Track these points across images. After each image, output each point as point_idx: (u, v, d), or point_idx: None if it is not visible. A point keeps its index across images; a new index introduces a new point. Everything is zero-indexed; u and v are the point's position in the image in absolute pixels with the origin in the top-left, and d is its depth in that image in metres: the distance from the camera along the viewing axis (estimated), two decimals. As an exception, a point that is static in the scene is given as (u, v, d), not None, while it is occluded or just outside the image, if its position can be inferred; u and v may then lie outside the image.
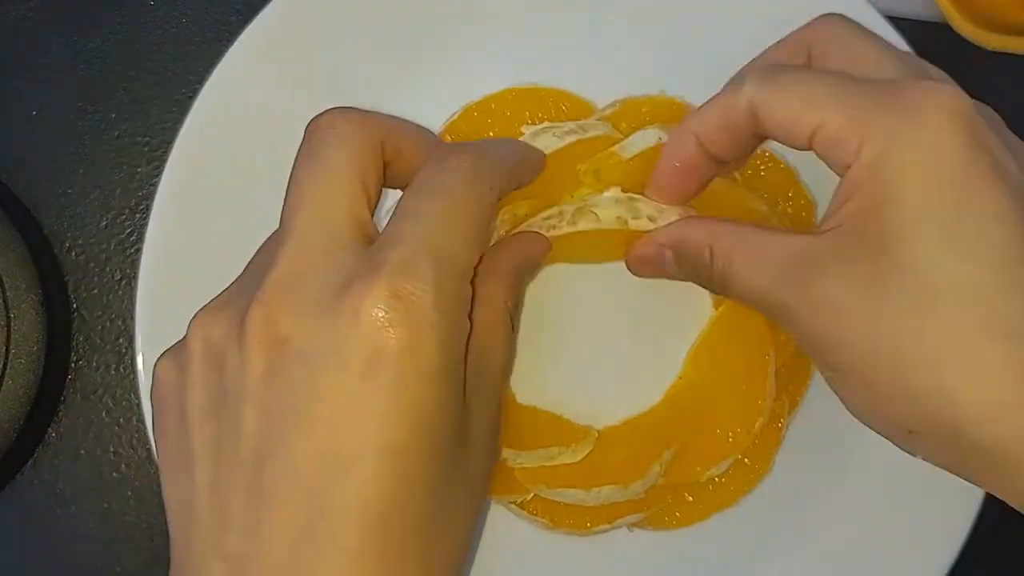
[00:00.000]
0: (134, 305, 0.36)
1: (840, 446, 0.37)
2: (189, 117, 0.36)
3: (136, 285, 0.36)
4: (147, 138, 0.41)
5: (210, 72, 0.36)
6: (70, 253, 0.41)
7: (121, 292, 0.41)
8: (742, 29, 0.37)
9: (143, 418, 0.35)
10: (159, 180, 0.36)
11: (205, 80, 0.36)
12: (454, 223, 0.27)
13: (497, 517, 0.36)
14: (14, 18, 0.41)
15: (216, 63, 0.36)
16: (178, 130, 0.36)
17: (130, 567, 0.40)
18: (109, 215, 0.41)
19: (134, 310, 0.36)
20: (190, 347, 0.27)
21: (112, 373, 0.41)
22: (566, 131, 0.34)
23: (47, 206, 0.41)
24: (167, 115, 0.41)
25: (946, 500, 0.35)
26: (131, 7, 0.42)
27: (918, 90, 0.26)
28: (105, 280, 0.41)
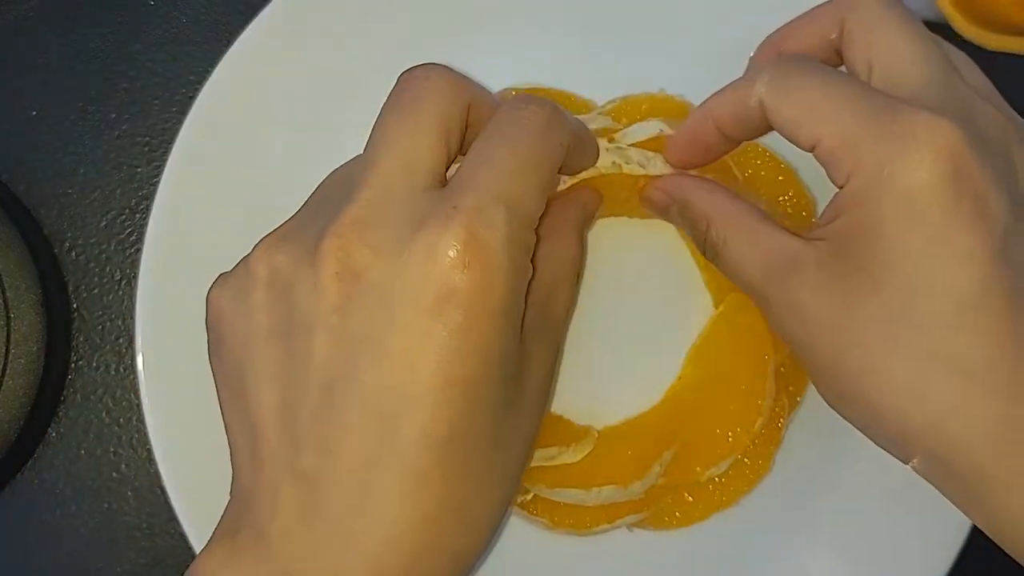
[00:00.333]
0: (134, 305, 0.36)
1: (840, 446, 0.37)
2: (189, 117, 0.36)
3: (136, 285, 0.36)
4: (147, 138, 0.41)
5: (210, 72, 0.36)
6: (70, 253, 0.41)
7: (121, 292, 0.41)
8: (742, 28, 0.37)
9: (143, 418, 0.35)
10: (159, 180, 0.36)
11: (205, 80, 0.36)
12: (527, 173, 0.28)
13: (497, 517, 0.36)
14: (14, 18, 0.41)
15: (216, 63, 0.36)
16: (178, 130, 0.36)
17: (130, 567, 0.40)
18: (109, 215, 0.41)
19: (134, 310, 0.36)
20: (254, 273, 0.28)
21: (112, 373, 0.41)
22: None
23: (47, 206, 0.41)
24: (167, 115, 0.41)
25: (947, 500, 0.35)
26: (131, 7, 0.42)
27: (914, 122, 0.27)
28: (105, 280, 0.41)
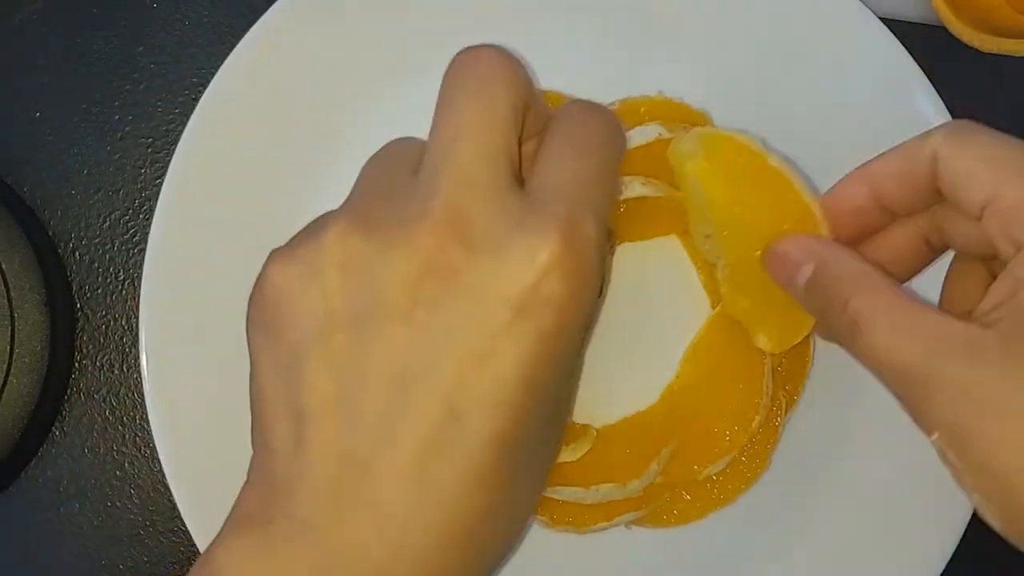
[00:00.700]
0: (138, 304, 0.36)
1: (837, 444, 0.37)
2: (192, 119, 0.36)
3: (139, 285, 0.36)
4: (150, 139, 0.42)
5: (213, 74, 0.37)
6: (74, 253, 0.41)
7: (125, 292, 0.41)
8: (741, 31, 0.37)
9: (147, 417, 0.36)
10: (162, 181, 0.36)
11: (208, 82, 0.36)
12: (606, 183, 0.28)
13: (497, 515, 0.36)
14: (18, 21, 0.42)
15: (219, 65, 0.37)
16: (181, 131, 0.36)
17: (134, 565, 0.40)
18: (113, 216, 0.41)
19: (138, 309, 0.36)
20: (327, 254, 0.27)
21: (116, 372, 0.41)
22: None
23: (51, 207, 0.41)
24: (170, 117, 0.41)
25: (943, 498, 0.35)
26: (134, 9, 0.42)
27: None
28: (109, 280, 0.41)
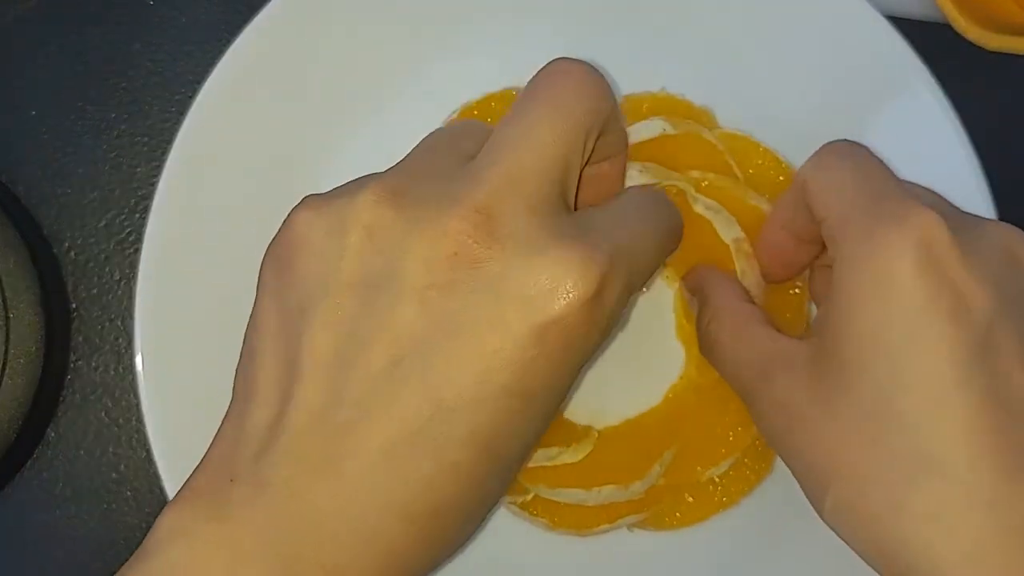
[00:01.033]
0: (133, 305, 0.36)
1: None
2: (188, 117, 0.36)
3: (135, 285, 0.36)
4: (146, 138, 0.41)
5: (209, 72, 0.36)
6: (69, 253, 0.41)
7: (120, 292, 0.41)
8: (743, 25, 0.37)
9: (142, 418, 0.35)
10: (158, 180, 0.36)
11: (204, 80, 0.36)
12: (652, 255, 0.30)
13: (497, 518, 0.36)
14: (13, 18, 0.41)
15: (215, 63, 0.36)
16: (177, 130, 0.36)
17: (129, 568, 0.40)
18: (108, 215, 0.41)
19: (133, 310, 0.36)
20: (358, 215, 0.26)
21: (111, 373, 0.41)
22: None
23: (46, 206, 0.41)
24: (166, 115, 0.41)
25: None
26: (130, 7, 0.42)
27: (903, 207, 0.26)
28: (104, 280, 0.41)
